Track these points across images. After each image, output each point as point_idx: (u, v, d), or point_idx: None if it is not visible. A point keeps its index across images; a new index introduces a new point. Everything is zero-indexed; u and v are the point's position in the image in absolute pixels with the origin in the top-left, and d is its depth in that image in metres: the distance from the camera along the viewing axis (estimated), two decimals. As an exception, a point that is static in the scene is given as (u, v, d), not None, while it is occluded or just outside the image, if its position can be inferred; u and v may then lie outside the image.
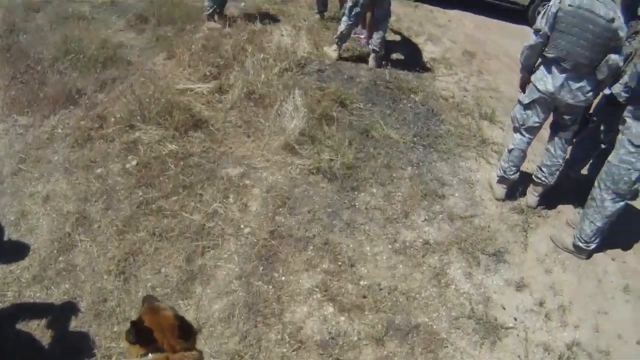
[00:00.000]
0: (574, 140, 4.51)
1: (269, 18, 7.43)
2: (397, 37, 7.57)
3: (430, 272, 3.79)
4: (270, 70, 5.63)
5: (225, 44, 6.24)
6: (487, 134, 5.51)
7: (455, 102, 5.96)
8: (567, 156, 4.53)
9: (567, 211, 4.67)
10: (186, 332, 2.05)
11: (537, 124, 4.22)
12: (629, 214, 4.33)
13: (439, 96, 5.97)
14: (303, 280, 3.59)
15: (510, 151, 4.37)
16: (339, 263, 3.72)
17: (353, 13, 6.06)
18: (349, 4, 6.04)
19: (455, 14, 10.16)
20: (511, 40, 9.32)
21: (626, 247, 4.40)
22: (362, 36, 7.00)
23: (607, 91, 4.23)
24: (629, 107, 3.70)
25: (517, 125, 4.34)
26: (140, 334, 1.95)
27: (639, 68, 3.61)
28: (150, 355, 1.95)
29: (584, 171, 4.82)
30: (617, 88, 4.04)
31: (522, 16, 10.91)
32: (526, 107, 4.19)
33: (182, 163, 4.42)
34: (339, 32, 6.19)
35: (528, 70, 4.16)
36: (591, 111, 4.49)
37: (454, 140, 5.16)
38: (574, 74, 3.85)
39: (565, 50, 3.76)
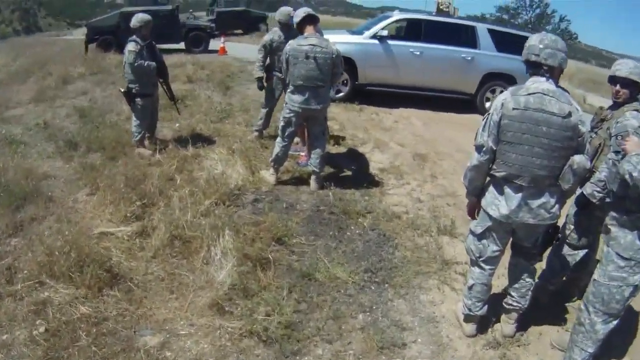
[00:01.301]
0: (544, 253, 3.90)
1: (202, 140, 7.03)
2: (342, 149, 7.12)
3: None
4: (199, 207, 5.03)
5: (152, 175, 5.70)
6: (449, 252, 4.91)
7: (410, 219, 5.40)
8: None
9: (549, 331, 3.99)
10: None
11: (496, 253, 3.57)
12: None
13: (391, 214, 5.41)
14: None
15: (471, 287, 3.70)
16: None
17: (286, 133, 5.61)
18: (281, 123, 5.60)
19: (401, 112, 9.92)
20: (462, 133, 9.03)
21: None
22: (302, 153, 6.52)
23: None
24: (612, 214, 3.11)
25: (473, 258, 3.67)
26: None
27: (618, 165, 3.02)
28: None
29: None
30: (589, 188, 3.55)
31: (471, 105, 10.79)
32: (480, 236, 3.54)
33: (95, 330, 3.64)
34: (274, 155, 5.72)
35: (475, 194, 3.53)
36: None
37: (411, 269, 4.53)
38: (532, 191, 3.21)
39: (518, 164, 3.13)
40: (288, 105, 5.54)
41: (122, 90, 6.60)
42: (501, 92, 10.41)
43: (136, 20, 6.45)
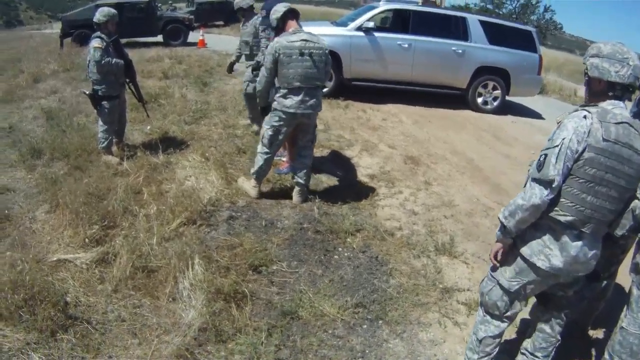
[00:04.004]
0: None
1: (175, 144, 6.45)
2: (326, 152, 6.53)
3: None
4: (167, 227, 4.43)
5: (117, 189, 5.06)
6: (449, 276, 4.36)
7: (404, 237, 4.84)
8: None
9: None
10: None
11: (523, 308, 2.95)
12: None
13: (383, 232, 4.83)
14: None
15: (480, 341, 3.02)
16: None
17: (274, 144, 5.01)
18: (268, 132, 4.98)
19: (390, 109, 9.37)
20: (456, 132, 8.56)
21: None
22: (284, 159, 5.93)
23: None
24: None
25: (495, 313, 2.96)
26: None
27: None
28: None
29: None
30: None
31: (462, 101, 10.32)
32: (513, 293, 2.85)
33: (45, 385, 3.07)
34: (257, 167, 5.11)
35: (514, 235, 2.73)
36: None
37: (408, 299, 3.95)
38: (591, 239, 2.57)
39: (590, 209, 2.48)
40: (277, 112, 4.89)
41: (87, 92, 6.01)
42: (494, 87, 10.33)
43: (101, 14, 5.87)
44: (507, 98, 10.72)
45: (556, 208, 2.53)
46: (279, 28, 4.93)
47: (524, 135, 9.08)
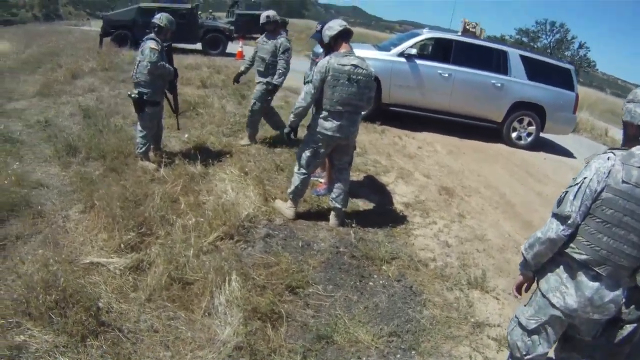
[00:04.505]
0: None
1: (213, 156, 6.50)
2: (362, 177, 6.55)
3: None
4: (204, 240, 4.45)
5: (154, 195, 5.09)
6: (480, 311, 4.34)
7: (438, 268, 4.83)
8: None
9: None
10: None
11: (547, 353, 2.89)
12: None
13: (418, 261, 4.82)
14: None
15: None
16: None
17: (311, 165, 5.03)
18: (305, 153, 4.99)
19: (425, 137, 9.36)
20: (488, 164, 8.52)
21: None
22: (322, 180, 5.94)
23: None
24: None
25: (518, 355, 2.94)
26: None
27: None
28: None
29: None
30: None
31: (495, 134, 10.28)
32: (532, 332, 2.83)
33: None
34: (293, 187, 5.11)
35: (536, 269, 2.81)
36: None
37: (440, 332, 3.94)
38: (609, 282, 2.54)
39: (606, 250, 2.47)
40: (316, 134, 4.88)
41: (133, 96, 5.92)
42: (529, 123, 10.25)
43: (166, 19, 5.95)
44: (540, 135, 10.65)
45: (572, 245, 2.57)
46: (330, 46, 4.89)
47: (555, 172, 9.01)
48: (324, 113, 4.79)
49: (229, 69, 13.31)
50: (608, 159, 2.47)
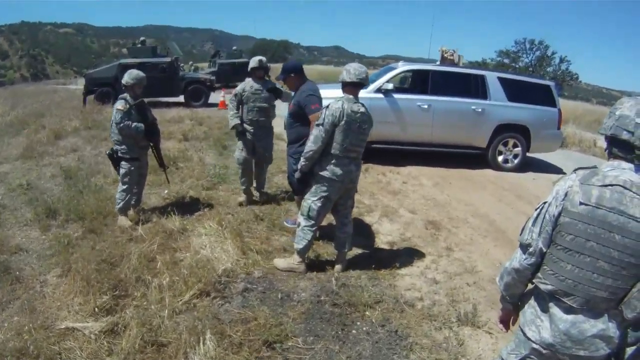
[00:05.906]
0: None
1: (192, 210, 6.43)
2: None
3: None
4: (179, 299, 4.33)
5: (131, 256, 5.02)
6: (472, 349, 4.16)
7: (425, 308, 4.66)
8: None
9: None
10: None
11: None
12: None
13: (404, 303, 4.66)
14: None
15: None
16: None
17: (322, 215, 4.98)
18: (316, 204, 4.86)
19: (410, 171, 9.28)
20: (476, 192, 8.42)
21: None
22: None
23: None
24: None
25: None
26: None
27: None
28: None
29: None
30: None
31: (482, 159, 10.24)
32: None
33: None
34: (304, 244, 4.97)
35: (512, 301, 2.63)
36: None
37: (429, 377, 3.77)
38: (588, 315, 2.27)
39: (572, 280, 2.24)
40: (326, 181, 4.79)
41: (107, 152, 6.14)
42: (514, 145, 10.20)
43: (129, 77, 5.95)
44: (527, 154, 10.59)
45: (539, 274, 2.40)
46: (342, 88, 4.84)
47: (546, 192, 8.80)
48: (334, 159, 4.73)
49: (211, 120, 13.35)
50: (567, 177, 2.33)
